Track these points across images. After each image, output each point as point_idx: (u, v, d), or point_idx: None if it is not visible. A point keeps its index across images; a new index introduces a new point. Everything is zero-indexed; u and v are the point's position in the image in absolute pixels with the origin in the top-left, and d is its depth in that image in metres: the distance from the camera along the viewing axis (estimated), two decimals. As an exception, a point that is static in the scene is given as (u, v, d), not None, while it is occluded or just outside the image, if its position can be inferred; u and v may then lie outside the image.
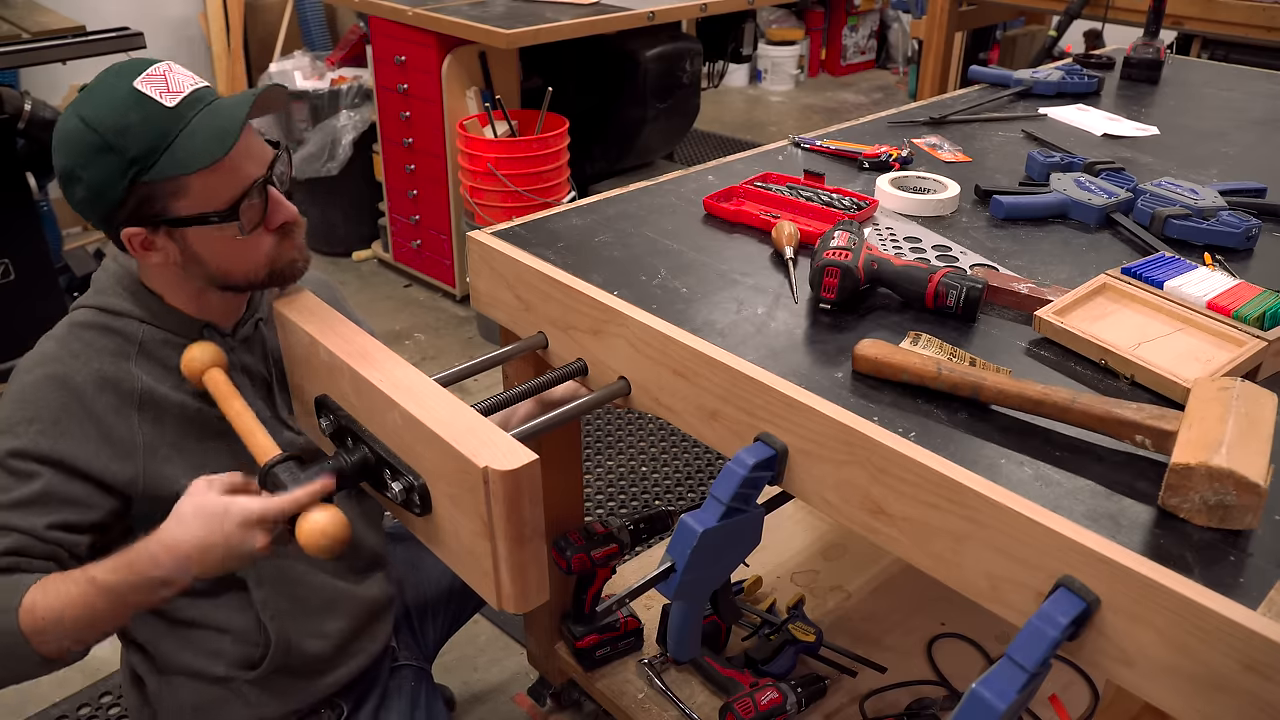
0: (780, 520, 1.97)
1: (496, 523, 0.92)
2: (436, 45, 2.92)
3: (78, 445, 1.07)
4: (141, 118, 1.03)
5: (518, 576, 0.97)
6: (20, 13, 2.85)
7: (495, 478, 0.90)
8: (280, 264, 1.14)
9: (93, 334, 1.12)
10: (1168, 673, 0.77)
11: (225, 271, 1.12)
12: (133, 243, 1.08)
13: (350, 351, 1.08)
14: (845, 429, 0.94)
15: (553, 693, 1.81)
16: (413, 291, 3.45)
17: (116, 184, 1.04)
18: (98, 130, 1.03)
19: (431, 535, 1.05)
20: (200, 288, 1.15)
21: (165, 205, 1.06)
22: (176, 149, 1.03)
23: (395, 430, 1.02)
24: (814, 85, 6.08)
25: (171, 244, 1.09)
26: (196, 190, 1.05)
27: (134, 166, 1.03)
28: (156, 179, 1.03)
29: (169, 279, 1.15)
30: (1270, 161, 1.69)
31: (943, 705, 1.57)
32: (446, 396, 1.00)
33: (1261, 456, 0.81)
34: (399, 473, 1.02)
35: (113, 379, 1.10)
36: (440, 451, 0.95)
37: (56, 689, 1.91)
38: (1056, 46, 3.61)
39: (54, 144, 1.07)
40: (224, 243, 1.09)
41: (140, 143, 1.02)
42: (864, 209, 1.43)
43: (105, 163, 1.03)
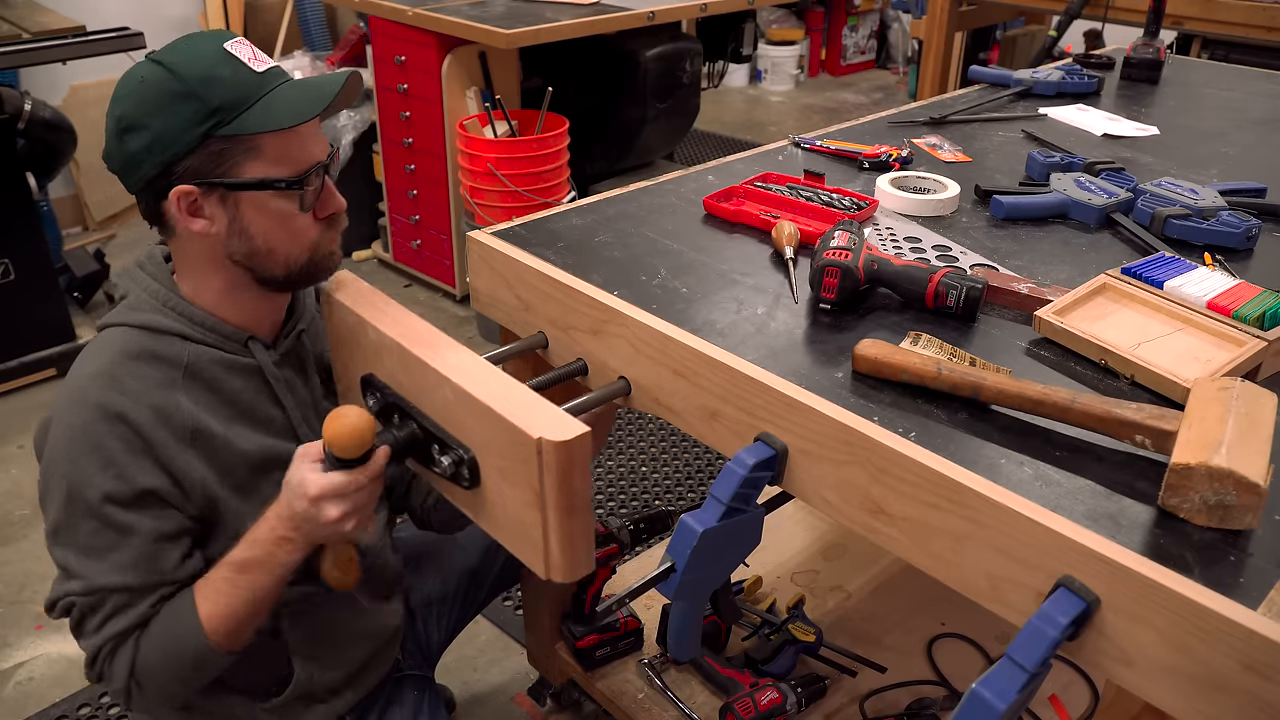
0: (780, 520, 1.97)
1: (548, 493, 0.95)
2: (436, 45, 2.92)
3: (153, 478, 1.06)
4: (231, 73, 1.02)
5: (567, 547, 0.99)
6: (20, 13, 2.85)
7: (549, 449, 0.92)
8: (320, 254, 1.13)
9: (138, 365, 1.08)
10: (1168, 673, 0.77)
11: (269, 249, 1.09)
12: (180, 203, 1.04)
13: (399, 331, 1.10)
14: (845, 429, 0.94)
15: (553, 693, 1.81)
16: (413, 291, 3.45)
17: (190, 132, 1.01)
18: (183, 77, 1.01)
19: (478, 508, 1.08)
20: (233, 282, 1.11)
21: (233, 165, 1.04)
22: (260, 108, 1.03)
23: (445, 405, 1.04)
24: (814, 85, 6.08)
25: (221, 211, 1.06)
26: (269, 154, 1.04)
27: (214, 117, 1.01)
28: (235, 133, 1.02)
29: (204, 264, 1.11)
30: (1270, 161, 1.69)
31: (943, 705, 1.57)
32: (496, 372, 1.03)
33: (1261, 456, 0.81)
34: (448, 447, 1.05)
35: (165, 412, 1.08)
36: (493, 424, 0.97)
37: (56, 689, 1.92)
38: (1056, 46, 3.61)
39: (120, 91, 1.04)
40: (277, 217, 1.07)
41: (226, 95, 1.01)
42: (864, 209, 1.43)
43: (183, 110, 1.01)
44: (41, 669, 1.96)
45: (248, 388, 1.14)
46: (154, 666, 1.08)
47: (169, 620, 1.08)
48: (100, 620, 1.07)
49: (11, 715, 1.86)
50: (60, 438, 1.05)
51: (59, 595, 1.08)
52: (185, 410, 1.09)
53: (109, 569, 1.06)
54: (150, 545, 1.07)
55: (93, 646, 1.08)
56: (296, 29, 4.25)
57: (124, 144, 1.04)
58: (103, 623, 1.07)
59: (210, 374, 1.11)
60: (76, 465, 1.04)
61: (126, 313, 1.11)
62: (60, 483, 1.05)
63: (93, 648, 1.08)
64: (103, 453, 1.04)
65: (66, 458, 1.04)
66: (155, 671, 1.08)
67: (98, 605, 1.07)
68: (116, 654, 1.08)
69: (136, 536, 1.06)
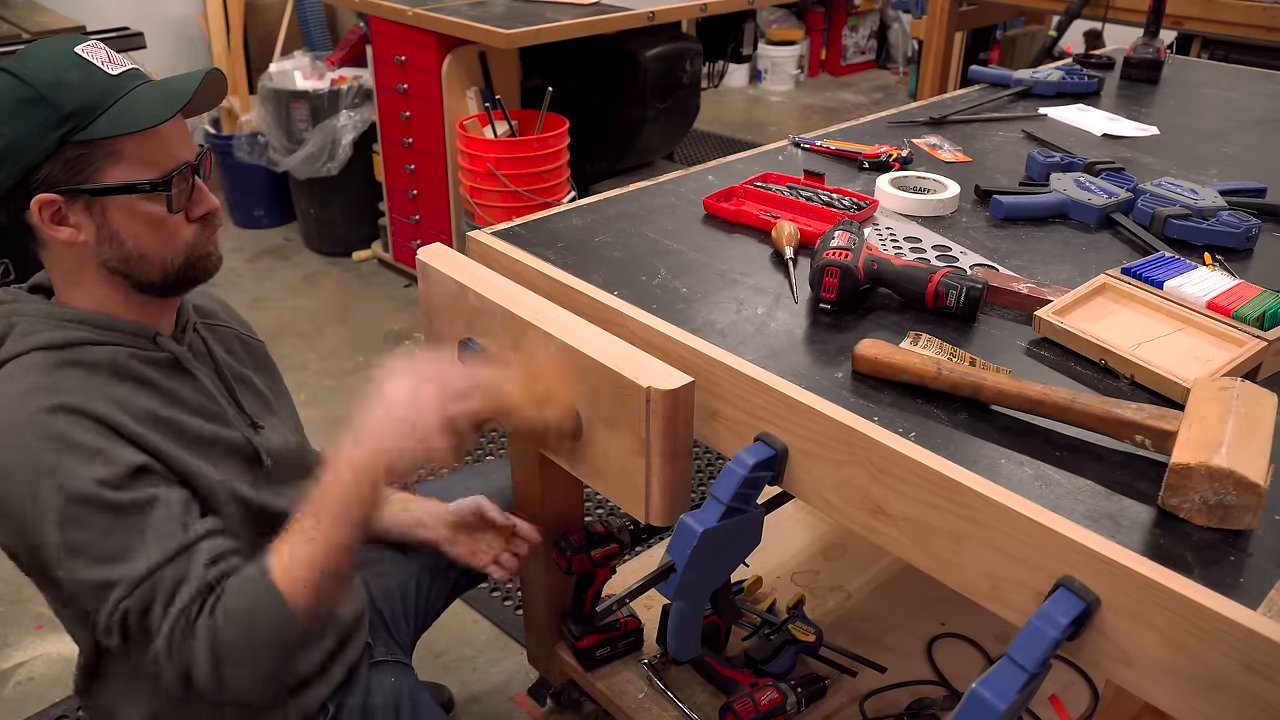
0: (780, 520, 1.97)
1: (653, 439, 1.02)
2: (436, 45, 2.92)
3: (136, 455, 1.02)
4: (82, 76, 1.00)
5: (666, 490, 1.06)
6: (20, 13, 2.85)
7: (657, 397, 1.00)
8: (196, 255, 1.10)
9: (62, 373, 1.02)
10: (1168, 673, 0.77)
11: (142, 254, 1.06)
12: (42, 214, 1.02)
13: (502, 295, 1.18)
14: (845, 429, 0.94)
15: (553, 693, 1.81)
16: (413, 291, 3.45)
17: (43, 140, 0.98)
18: (30, 82, 0.98)
19: (578, 459, 1.15)
20: (115, 289, 1.08)
21: (93, 171, 1.01)
22: (117, 110, 1.00)
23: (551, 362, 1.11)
24: (814, 85, 6.08)
25: (87, 219, 1.03)
26: (130, 158, 1.02)
27: (68, 123, 0.98)
28: (91, 138, 0.99)
29: (81, 274, 1.07)
30: (1270, 161, 1.69)
31: (943, 705, 1.57)
32: (598, 330, 1.11)
33: (1261, 456, 0.81)
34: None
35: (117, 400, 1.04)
36: (600, 377, 1.05)
37: (56, 689, 1.92)
38: (1056, 46, 3.61)
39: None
40: (146, 221, 1.05)
41: (78, 99, 0.99)
42: (864, 209, 1.43)
43: (34, 116, 0.98)
44: (41, 669, 1.96)
45: (168, 378, 1.12)
46: (236, 636, 1.00)
47: (240, 580, 1.02)
48: (161, 608, 0.99)
49: (11, 715, 1.86)
50: (23, 461, 0.98)
51: (106, 613, 0.99)
52: (133, 399, 1.05)
53: (140, 555, 0.99)
54: (167, 510, 1.02)
55: (164, 639, 0.99)
56: (296, 29, 4.25)
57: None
58: (165, 608, 0.99)
59: (131, 369, 1.08)
60: (57, 472, 0.98)
61: (20, 340, 1.05)
62: (49, 498, 0.98)
63: (164, 640, 0.99)
64: (78, 446, 0.99)
65: (44, 471, 0.98)
66: (238, 639, 1.00)
67: (150, 596, 0.99)
68: (193, 633, 0.99)
69: (150, 508, 1.01)
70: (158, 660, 1.01)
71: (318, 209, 3.60)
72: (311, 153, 3.42)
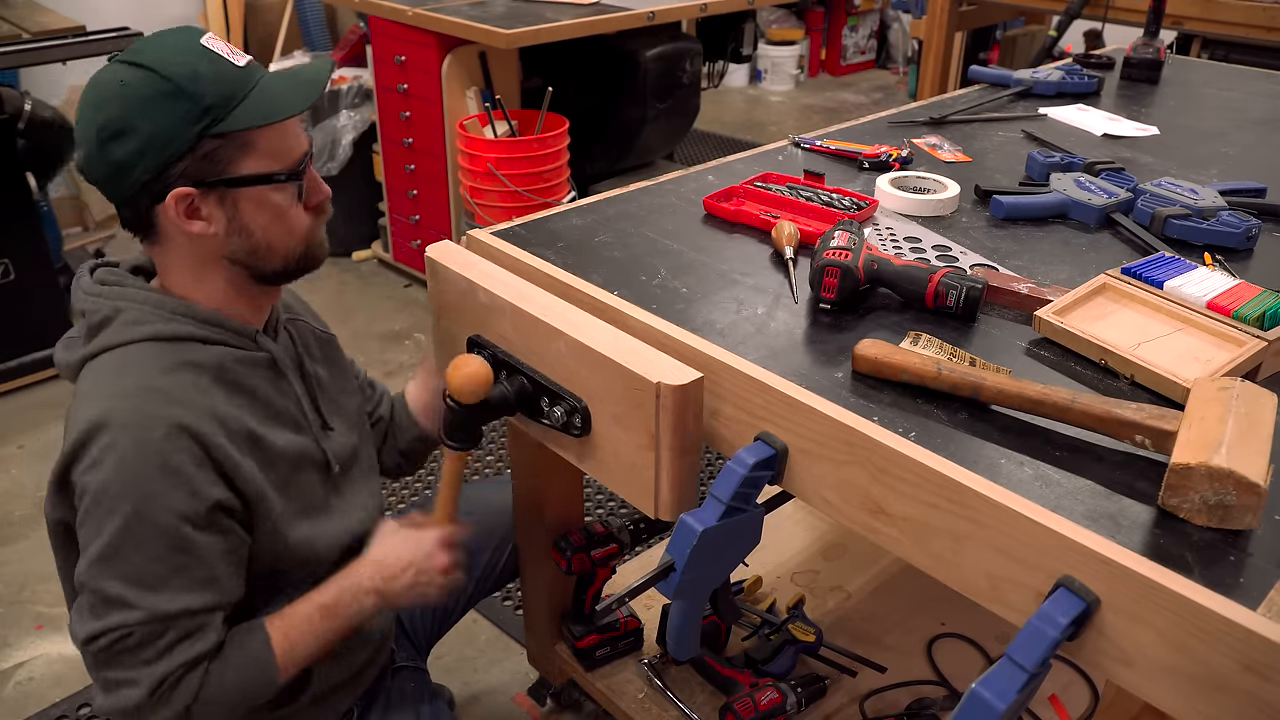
0: (780, 520, 1.96)
1: (663, 434, 1.03)
2: (436, 45, 2.92)
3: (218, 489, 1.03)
4: (214, 70, 1.00)
5: (675, 485, 1.07)
6: (20, 13, 2.85)
7: (667, 392, 1.00)
8: (314, 243, 1.13)
9: (178, 375, 1.03)
10: (1167, 673, 0.77)
11: (269, 244, 1.07)
12: (178, 207, 1.01)
13: (512, 293, 1.18)
14: (845, 429, 0.94)
15: (553, 693, 1.81)
16: (413, 291, 3.45)
17: (185, 132, 0.98)
18: (168, 76, 0.98)
19: (586, 455, 1.16)
20: (230, 281, 1.09)
21: (229, 163, 1.02)
22: (251, 102, 1.01)
23: (559, 359, 1.12)
24: (814, 85, 6.08)
25: (219, 211, 1.04)
26: (262, 149, 1.03)
27: (208, 115, 0.99)
28: (229, 129, 1.00)
29: (199, 267, 1.08)
30: (1270, 161, 1.69)
31: (943, 705, 1.57)
32: (607, 326, 1.11)
33: (1261, 456, 0.81)
34: (559, 398, 1.13)
35: (222, 419, 1.05)
36: (610, 373, 1.06)
37: (56, 689, 1.92)
38: (1056, 46, 3.61)
39: (95, 98, 1.00)
40: (274, 212, 1.06)
41: (215, 91, 0.99)
42: (864, 209, 1.43)
43: (175, 110, 0.98)
44: (41, 669, 1.96)
45: (265, 383, 1.13)
46: (217, 698, 1.04)
47: (242, 652, 1.06)
48: (164, 647, 1.01)
49: (11, 715, 1.86)
50: (123, 460, 0.98)
51: (109, 627, 1.00)
52: (234, 414, 1.06)
53: (174, 593, 1.01)
54: (216, 565, 1.04)
55: (155, 674, 1.01)
56: (296, 29, 4.25)
57: (109, 151, 1.00)
58: (168, 649, 1.02)
59: (235, 374, 1.09)
60: (144, 486, 0.98)
61: (131, 328, 1.05)
62: (122, 506, 0.98)
63: (155, 675, 1.01)
64: (174, 471, 0.99)
65: (132, 480, 0.98)
66: (217, 702, 1.05)
67: (160, 632, 1.01)
68: (182, 682, 1.02)
69: (205, 557, 1.02)
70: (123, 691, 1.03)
71: (318, 209, 3.59)
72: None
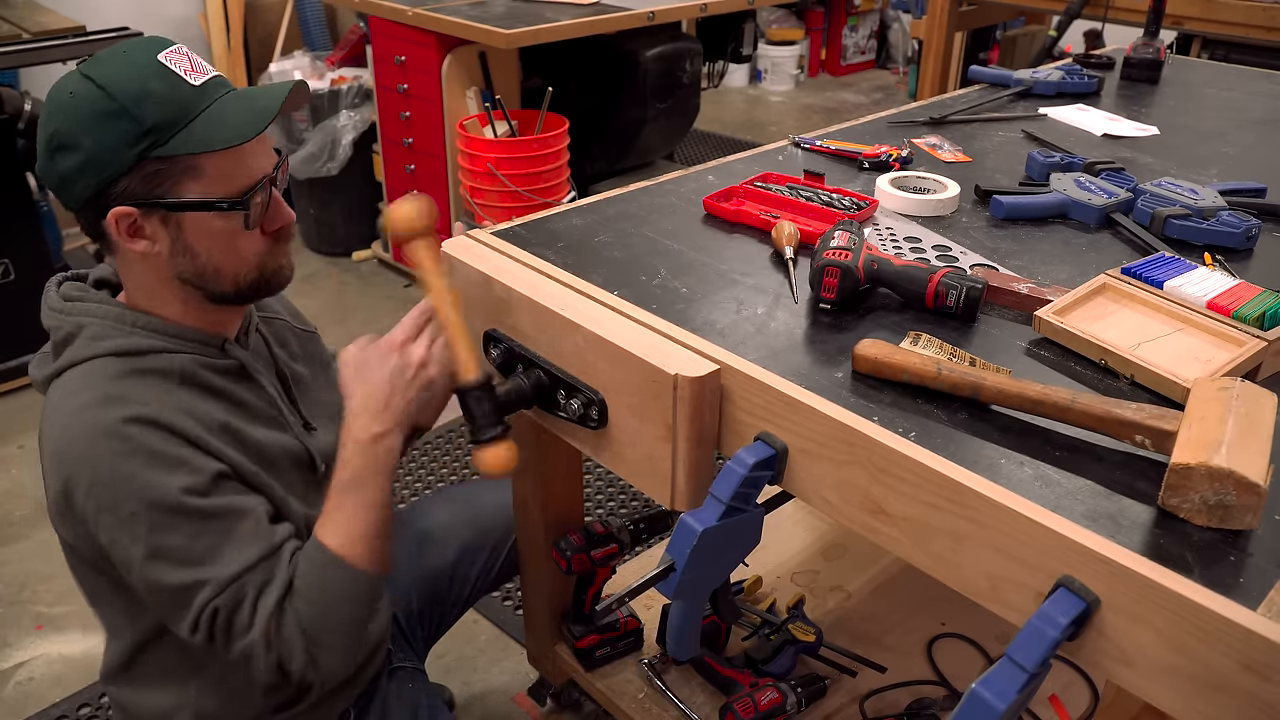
0: (780, 520, 1.96)
1: (680, 425, 1.04)
2: (436, 45, 2.92)
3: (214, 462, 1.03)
4: (166, 89, 0.98)
5: (692, 476, 1.08)
6: (20, 13, 2.85)
7: (684, 384, 1.01)
8: (269, 270, 1.10)
9: (132, 383, 1.02)
10: (1167, 673, 0.77)
11: (216, 268, 1.06)
12: (119, 225, 1.01)
13: (527, 286, 1.19)
14: (845, 429, 0.94)
15: (553, 693, 1.81)
16: (413, 291, 3.45)
17: (124, 154, 0.97)
18: (113, 94, 0.96)
19: (603, 447, 1.16)
20: (186, 297, 1.08)
21: (172, 186, 1.00)
22: (199, 126, 0.99)
23: (575, 351, 1.13)
24: (814, 85, 6.08)
25: (163, 232, 1.03)
26: (210, 173, 1.01)
27: (149, 138, 0.97)
28: (171, 154, 0.98)
29: (153, 282, 1.07)
30: (1270, 161, 1.69)
31: (943, 705, 1.57)
32: (623, 319, 1.12)
33: (1261, 456, 0.81)
34: (575, 390, 1.13)
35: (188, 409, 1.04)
36: (627, 365, 1.06)
37: (56, 689, 1.92)
38: (1056, 46, 3.61)
39: (49, 106, 0.99)
40: (221, 236, 1.04)
41: (160, 113, 0.97)
42: (864, 209, 1.43)
43: (116, 129, 0.96)
44: (41, 669, 1.96)
45: (237, 387, 1.13)
46: (319, 619, 1.04)
47: (306, 570, 1.05)
48: (250, 608, 1.03)
49: (11, 715, 1.86)
50: (105, 471, 0.99)
51: (195, 614, 1.02)
52: (205, 410, 1.06)
53: (228, 558, 1.02)
54: (251, 515, 1.04)
55: (258, 636, 1.02)
56: (296, 29, 4.25)
57: (55, 163, 0.99)
58: (254, 609, 1.03)
59: (202, 378, 1.08)
60: (139, 480, 0.99)
61: (92, 344, 1.05)
62: (132, 506, 0.99)
63: (259, 637, 1.03)
64: (159, 456, 1.00)
65: (124, 480, 0.99)
66: (323, 622, 1.04)
67: (240, 595, 1.02)
68: (282, 629, 1.03)
69: (235, 513, 1.03)
70: (252, 654, 1.03)
71: (318, 209, 3.59)
72: (311, 153, 3.42)
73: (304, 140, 3.45)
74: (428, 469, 2.52)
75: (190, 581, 1.01)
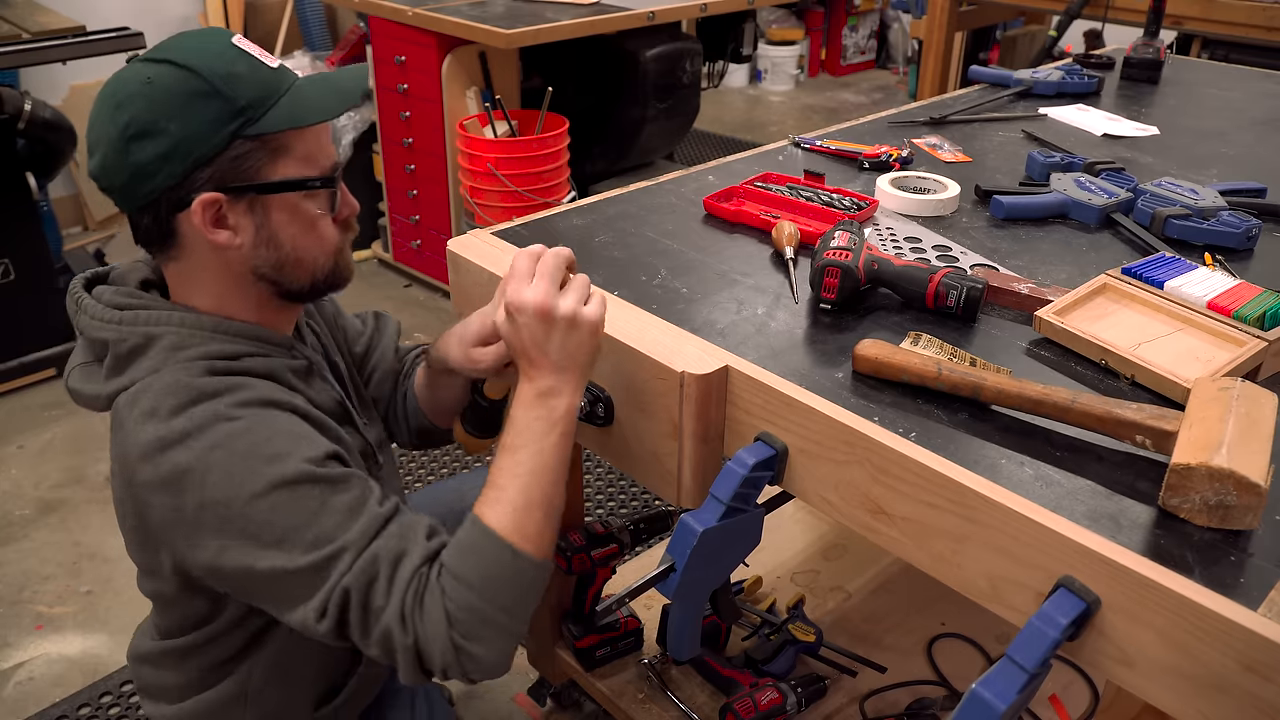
0: (780, 520, 1.96)
1: (686, 422, 1.04)
2: (436, 45, 2.92)
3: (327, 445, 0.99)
4: (249, 68, 0.96)
5: (698, 473, 1.08)
6: (20, 13, 2.85)
7: (690, 381, 1.02)
8: (343, 260, 1.08)
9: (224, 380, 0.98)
10: (1168, 673, 0.77)
11: (298, 257, 1.02)
12: (205, 214, 0.96)
13: None
14: (845, 429, 0.94)
15: (553, 693, 1.81)
16: (413, 291, 3.45)
17: (217, 134, 0.93)
18: (202, 74, 0.93)
19: (609, 444, 1.16)
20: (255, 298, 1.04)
21: (260, 167, 0.97)
22: (286, 104, 0.97)
23: None
24: (814, 85, 6.08)
25: (248, 220, 0.98)
26: (298, 153, 0.98)
27: (242, 115, 0.94)
28: (263, 132, 0.95)
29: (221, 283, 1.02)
30: (1270, 161, 1.69)
31: (943, 705, 1.57)
32: (629, 315, 1.13)
33: (1262, 456, 0.81)
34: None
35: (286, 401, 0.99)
36: (633, 362, 1.07)
37: (56, 689, 1.92)
38: (1056, 46, 3.61)
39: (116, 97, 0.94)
40: (305, 222, 1.01)
41: (250, 92, 0.94)
42: (864, 209, 1.43)
43: (208, 109, 0.93)
44: (41, 669, 1.96)
45: (310, 389, 1.10)
46: (471, 602, 0.94)
47: (462, 546, 0.97)
48: (386, 582, 0.94)
49: (11, 715, 1.86)
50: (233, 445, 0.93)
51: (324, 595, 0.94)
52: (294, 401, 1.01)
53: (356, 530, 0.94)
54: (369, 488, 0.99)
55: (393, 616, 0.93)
56: (296, 29, 4.25)
57: (132, 153, 0.94)
58: (390, 581, 0.94)
59: (284, 379, 1.05)
60: (264, 454, 0.93)
61: (173, 354, 0.99)
62: (257, 481, 0.93)
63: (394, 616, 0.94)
64: (283, 430, 0.96)
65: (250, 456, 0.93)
66: (474, 607, 0.94)
67: (373, 571, 0.94)
68: (424, 604, 0.94)
69: (356, 485, 0.97)
70: (388, 640, 0.94)
71: (318, 209, 3.59)
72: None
73: (304, 140, 3.46)
74: (427, 468, 2.53)
75: (321, 560, 0.93)
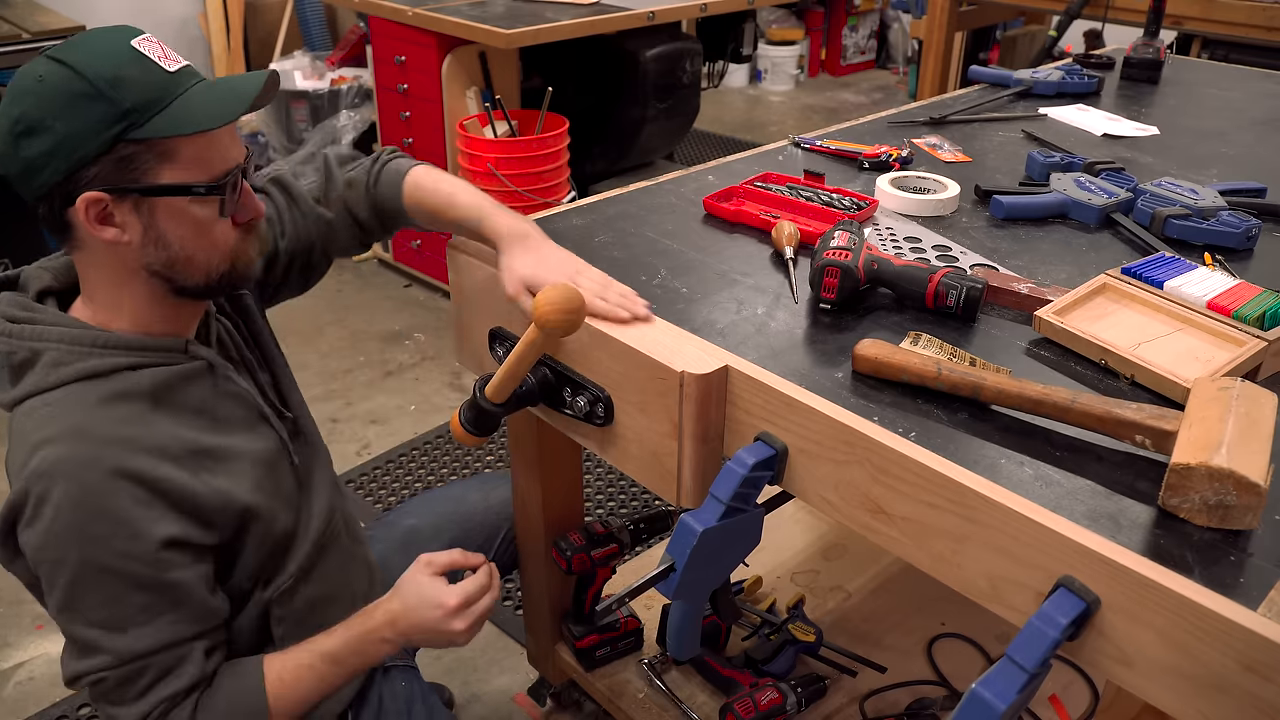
0: (780, 520, 1.96)
1: (686, 422, 1.04)
2: (436, 45, 2.92)
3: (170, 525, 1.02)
4: (140, 72, 0.97)
5: (698, 473, 1.08)
6: (20, 13, 2.85)
7: (690, 381, 1.02)
8: (240, 261, 1.08)
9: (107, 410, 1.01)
10: (1167, 673, 0.77)
11: (188, 257, 1.03)
12: (89, 212, 0.97)
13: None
14: (845, 429, 0.94)
15: (553, 693, 1.81)
16: (413, 291, 3.45)
17: (98, 136, 0.95)
18: (87, 77, 0.95)
19: (609, 444, 1.17)
20: (151, 293, 1.05)
21: (145, 170, 0.98)
22: (175, 109, 0.97)
23: (582, 349, 1.14)
24: (814, 85, 6.08)
25: (134, 219, 0.99)
26: (186, 158, 0.99)
27: (126, 119, 0.95)
28: (147, 137, 0.96)
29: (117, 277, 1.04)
30: (1270, 161, 1.69)
31: (943, 705, 1.57)
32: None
33: (1261, 456, 0.81)
34: (581, 388, 1.14)
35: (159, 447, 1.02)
36: (633, 362, 1.07)
37: (56, 689, 1.92)
38: (1056, 46, 3.61)
39: (13, 91, 0.96)
40: (195, 224, 1.02)
41: (137, 96, 0.96)
42: (864, 209, 1.43)
43: (91, 111, 0.94)
44: (41, 669, 1.96)
45: (207, 392, 1.10)
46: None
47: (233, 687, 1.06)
48: (144, 686, 1.03)
49: (11, 715, 1.86)
50: (59, 511, 0.98)
51: (83, 671, 1.03)
52: (180, 436, 1.04)
53: (141, 633, 1.02)
54: (182, 595, 1.04)
55: (136, 713, 1.04)
56: (296, 29, 4.25)
57: (21, 148, 0.96)
58: (148, 688, 1.04)
59: (173, 393, 1.06)
60: (85, 534, 0.98)
61: (55, 370, 1.01)
62: (69, 556, 0.99)
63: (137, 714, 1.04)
64: (111, 515, 0.99)
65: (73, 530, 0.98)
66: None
67: (138, 672, 1.03)
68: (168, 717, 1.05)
69: (167, 590, 1.02)
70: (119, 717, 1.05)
71: (318, 209, 3.59)
72: (311, 152, 3.43)
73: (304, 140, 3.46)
74: (427, 468, 2.52)
75: (93, 643, 1.02)
